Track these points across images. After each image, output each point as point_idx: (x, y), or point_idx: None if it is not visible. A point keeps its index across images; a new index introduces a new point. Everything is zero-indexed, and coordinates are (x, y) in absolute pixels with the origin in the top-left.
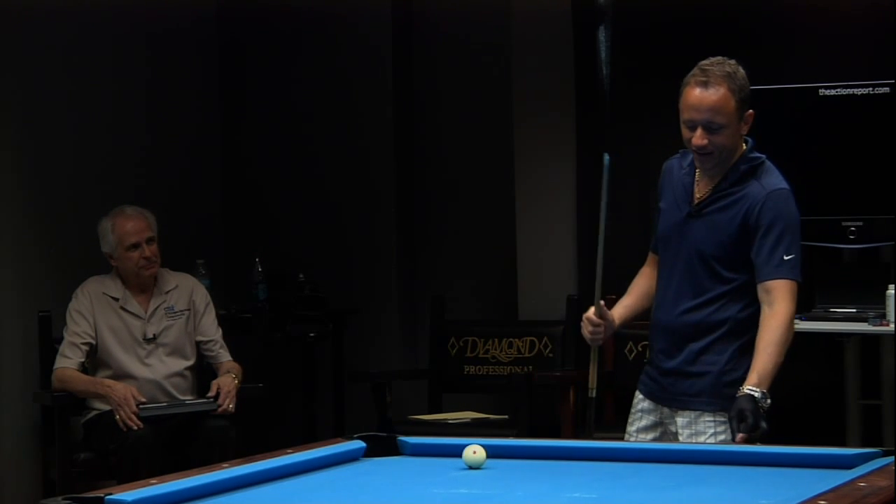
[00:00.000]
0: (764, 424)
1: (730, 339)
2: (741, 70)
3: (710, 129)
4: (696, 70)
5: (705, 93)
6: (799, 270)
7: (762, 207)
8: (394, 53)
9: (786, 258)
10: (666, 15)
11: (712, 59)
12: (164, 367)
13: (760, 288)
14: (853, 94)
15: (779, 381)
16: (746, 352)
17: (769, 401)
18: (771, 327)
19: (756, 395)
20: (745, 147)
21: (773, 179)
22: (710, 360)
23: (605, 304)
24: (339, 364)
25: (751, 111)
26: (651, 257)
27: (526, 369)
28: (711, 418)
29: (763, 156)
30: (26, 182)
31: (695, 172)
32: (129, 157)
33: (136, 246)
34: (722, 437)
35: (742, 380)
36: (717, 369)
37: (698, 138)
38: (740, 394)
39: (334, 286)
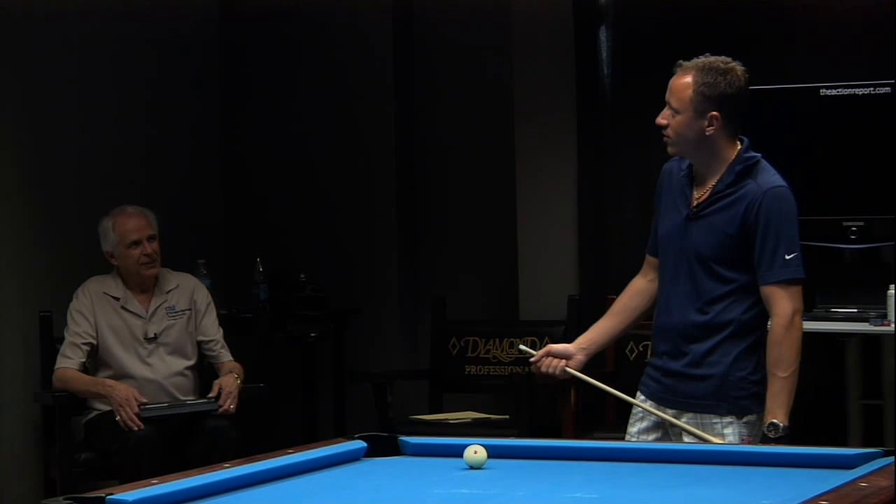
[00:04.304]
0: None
1: (735, 341)
2: (734, 73)
3: (671, 110)
4: None
5: (675, 76)
6: (801, 266)
7: (760, 206)
8: (394, 53)
9: (787, 257)
10: (666, 15)
11: (716, 56)
12: (165, 367)
13: (761, 292)
14: (854, 94)
15: None
16: (752, 353)
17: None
18: (773, 341)
19: (780, 425)
20: (739, 147)
21: (770, 177)
22: (714, 362)
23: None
24: (339, 364)
25: (715, 113)
26: (648, 261)
27: (527, 369)
28: (717, 420)
29: (758, 155)
30: (28, 182)
31: (692, 175)
32: (130, 158)
33: (137, 243)
34: (727, 439)
35: (746, 381)
36: (721, 371)
37: (660, 116)
38: (768, 424)
39: (335, 286)
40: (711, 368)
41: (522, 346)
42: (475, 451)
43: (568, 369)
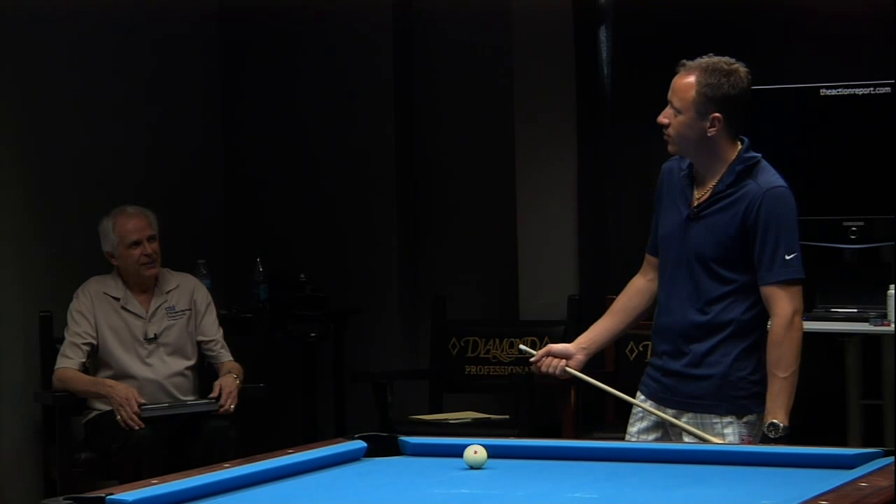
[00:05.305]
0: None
1: (734, 341)
2: (737, 75)
3: (672, 109)
4: None
5: (678, 76)
6: (801, 267)
7: (760, 206)
8: (394, 54)
9: (787, 258)
10: (666, 15)
11: (720, 57)
12: (166, 367)
13: (762, 293)
14: (854, 94)
15: None
16: (752, 353)
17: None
18: (774, 342)
19: (781, 425)
20: (740, 147)
21: (770, 178)
22: (714, 362)
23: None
24: (339, 364)
25: (718, 114)
26: (648, 260)
27: (527, 369)
28: (717, 420)
29: (759, 155)
30: (28, 181)
31: (693, 175)
32: (130, 158)
33: (137, 243)
34: (727, 439)
35: (746, 381)
36: (721, 371)
37: (661, 115)
38: (768, 424)
39: (335, 286)
40: (711, 368)
41: (522, 346)
42: (475, 451)
43: (568, 369)
